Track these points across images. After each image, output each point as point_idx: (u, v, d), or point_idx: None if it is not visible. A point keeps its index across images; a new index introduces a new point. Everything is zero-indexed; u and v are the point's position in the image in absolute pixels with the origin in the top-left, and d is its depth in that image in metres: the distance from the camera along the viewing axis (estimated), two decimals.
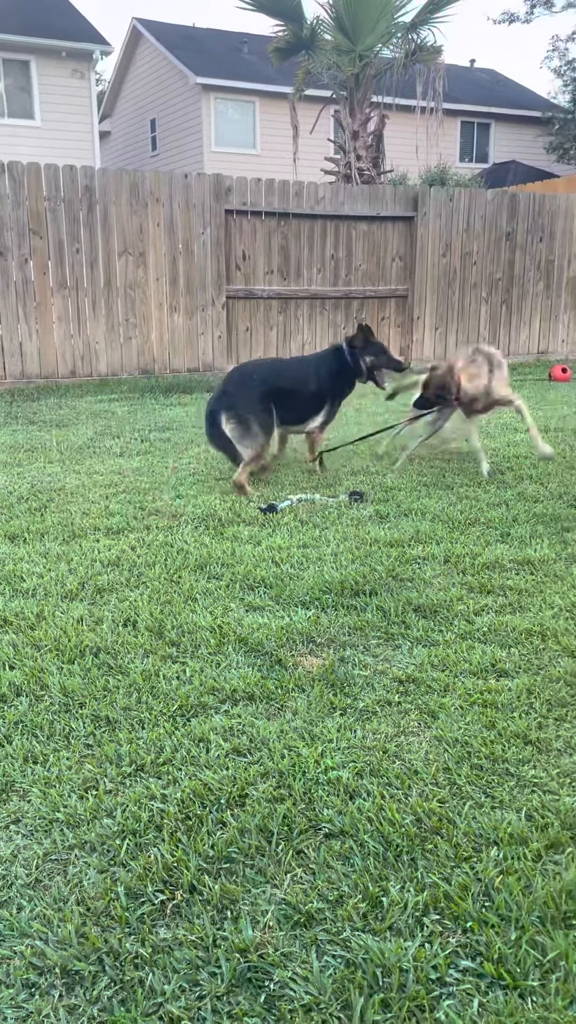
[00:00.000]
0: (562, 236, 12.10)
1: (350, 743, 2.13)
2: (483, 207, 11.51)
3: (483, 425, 6.77)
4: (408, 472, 5.16)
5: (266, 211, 10.18)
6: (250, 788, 1.93)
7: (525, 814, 1.83)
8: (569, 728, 2.19)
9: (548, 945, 1.45)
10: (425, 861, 1.68)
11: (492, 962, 1.42)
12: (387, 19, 12.18)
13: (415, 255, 11.13)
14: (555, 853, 1.70)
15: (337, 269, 10.78)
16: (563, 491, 4.55)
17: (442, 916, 1.54)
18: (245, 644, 2.72)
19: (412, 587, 3.22)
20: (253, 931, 1.51)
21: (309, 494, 4.60)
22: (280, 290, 10.44)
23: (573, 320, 12.53)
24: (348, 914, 1.54)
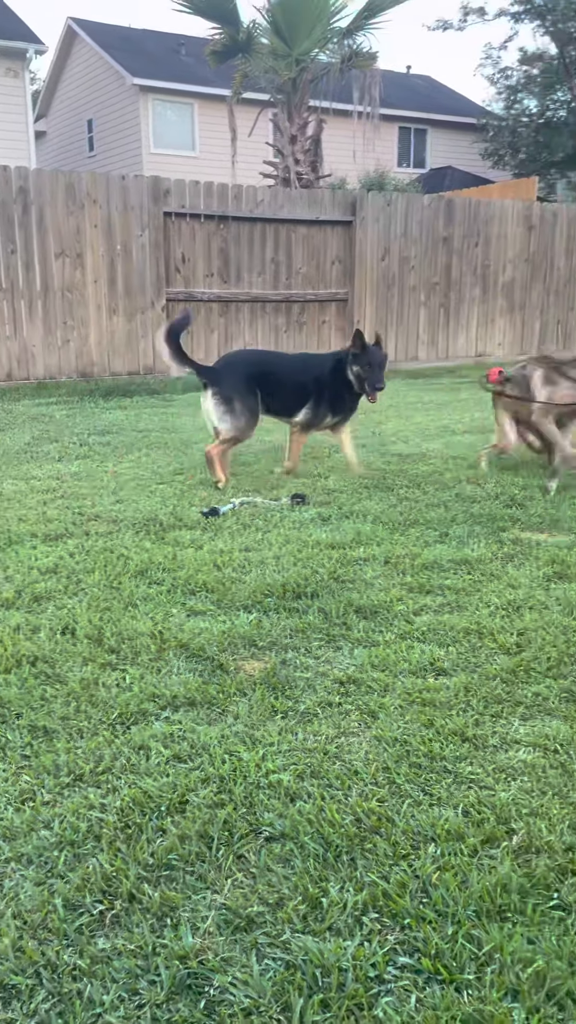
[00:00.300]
0: (497, 241, 12.34)
1: (291, 746, 2.14)
2: (420, 212, 11.67)
3: (424, 428, 6.87)
4: (349, 475, 5.20)
5: (205, 214, 10.15)
6: (191, 794, 1.92)
7: (462, 810, 1.86)
8: (505, 724, 2.24)
9: (484, 938, 1.48)
10: (364, 860, 1.70)
11: (429, 957, 1.44)
12: (323, 24, 12.28)
13: (354, 259, 11.23)
14: (490, 848, 1.73)
15: (277, 272, 10.81)
16: (500, 491, 4.64)
17: (381, 914, 1.55)
18: (186, 649, 2.71)
19: (353, 588, 3.25)
20: (193, 937, 1.51)
21: (251, 497, 4.61)
22: (220, 293, 10.43)
23: (509, 324, 12.79)
24: (288, 916, 1.55)
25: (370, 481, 4.98)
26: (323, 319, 11.26)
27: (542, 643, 2.71)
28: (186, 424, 7.25)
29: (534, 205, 12.75)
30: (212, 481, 4.93)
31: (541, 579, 3.32)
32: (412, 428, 6.86)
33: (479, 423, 6.97)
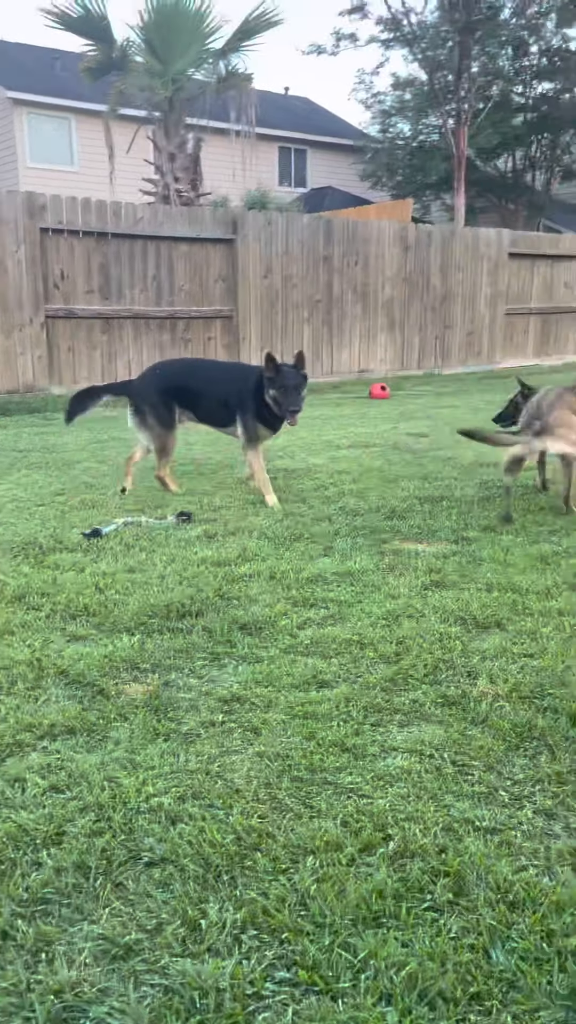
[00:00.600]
0: (375, 261, 12.69)
1: (173, 768, 2.12)
2: (300, 231, 11.88)
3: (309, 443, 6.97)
4: (237, 490, 5.22)
5: (84, 230, 10.02)
6: (68, 825, 1.88)
7: (340, 820, 1.89)
8: (383, 732, 2.29)
9: (359, 946, 1.51)
10: (244, 878, 1.71)
11: (306, 969, 1.46)
12: (198, 45, 12.37)
13: (237, 276, 11.31)
14: (367, 855, 1.77)
15: (160, 290, 10.77)
16: (381, 504, 4.76)
17: (260, 931, 1.56)
18: (66, 676, 2.65)
19: (238, 605, 3.26)
20: (69, 970, 1.47)
21: (135, 516, 4.56)
22: (102, 310, 10.30)
23: (390, 340, 13.16)
24: (167, 941, 1.54)
25: (256, 497, 5.01)
26: (208, 335, 11.28)
27: (419, 651, 2.80)
28: (67, 443, 7.11)
29: (409, 226, 13.19)
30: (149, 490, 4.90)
31: (419, 588, 3.42)
32: (297, 443, 6.96)
33: (362, 438, 7.14)
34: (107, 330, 10.41)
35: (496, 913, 1.60)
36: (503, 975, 1.46)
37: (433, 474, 5.53)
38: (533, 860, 1.76)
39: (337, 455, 6.40)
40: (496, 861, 1.74)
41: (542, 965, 1.48)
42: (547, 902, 1.62)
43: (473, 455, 6.13)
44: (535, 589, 3.36)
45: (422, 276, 13.27)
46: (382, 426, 7.88)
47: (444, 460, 5.99)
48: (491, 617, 3.08)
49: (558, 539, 4.06)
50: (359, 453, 6.40)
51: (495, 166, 25.55)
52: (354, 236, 12.42)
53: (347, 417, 8.68)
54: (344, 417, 8.69)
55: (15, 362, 9.80)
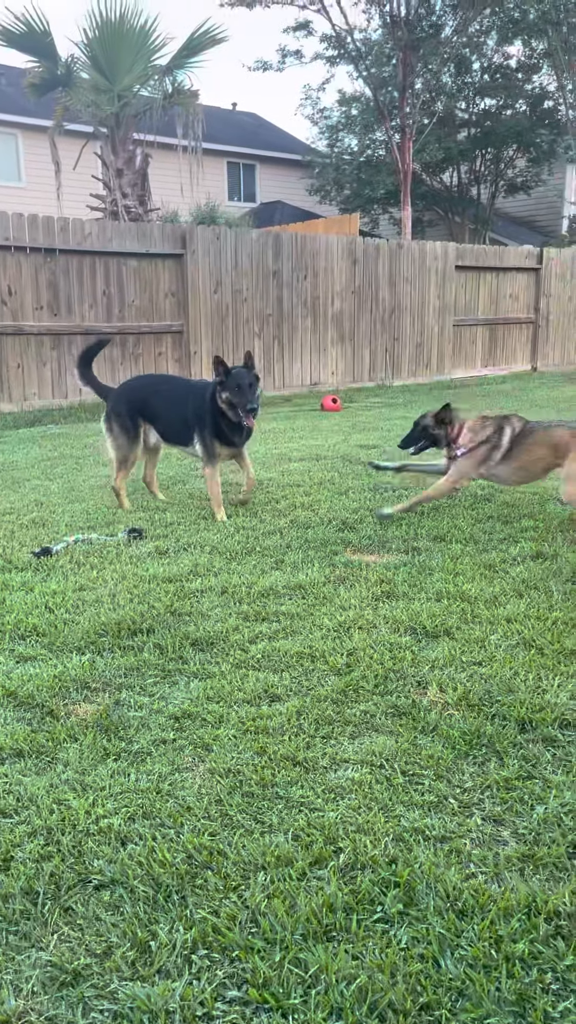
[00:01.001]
0: (324, 275, 12.80)
1: (123, 788, 2.10)
2: (250, 245, 11.93)
3: (262, 456, 6.99)
4: (188, 506, 5.21)
5: (31, 246, 9.93)
6: (15, 850, 1.85)
7: (292, 835, 1.89)
8: (335, 744, 2.30)
9: (310, 960, 1.51)
10: (195, 897, 1.70)
11: (257, 987, 1.46)
12: (143, 61, 12.38)
13: (187, 291, 11.31)
14: (318, 869, 1.78)
15: (110, 305, 10.72)
16: (332, 516, 4.79)
17: (210, 950, 1.56)
18: (14, 698, 2.62)
19: (190, 621, 3.25)
20: (15, 1000, 1.45)
21: (86, 534, 4.52)
22: (51, 326, 10.21)
23: (340, 353, 13.26)
24: (116, 964, 1.52)
25: (207, 511, 5.00)
26: (159, 351, 11.25)
27: (370, 661, 2.81)
28: (17, 461, 7.02)
29: (357, 240, 13.33)
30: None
31: (370, 599, 3.45)
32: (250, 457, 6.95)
33: (314, 450, 7.17)
34: (57, 346, 10.32)
35: (445, 921, 1.61)
36: (452, 984, 1.47)
37: (383, 485, 5.58)
38: (482, 867, 1.78)
39: (289, 468, 6.42)
40: (446, 869, 1.76)
41: (491, 972, 1.50)
42: (495, 908, 1.64)
43: None
44: (483, 597, 3.41)
45: (371, 289, 13.41)
46: (333, 438, 7.92)
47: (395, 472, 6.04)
48: (440, 626, 3.11)
49: (505, 547, 4.12)
50: (310, 466, 6.43)
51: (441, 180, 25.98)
52: (303, 250, 12.51)
53: (299, 430, 8.71)
54: (296, 430, 8.72)
55: None
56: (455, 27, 22.27)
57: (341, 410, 10.59)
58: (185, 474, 6.24)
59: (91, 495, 5.59)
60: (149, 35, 12.31)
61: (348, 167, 25.56)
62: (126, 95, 12.46)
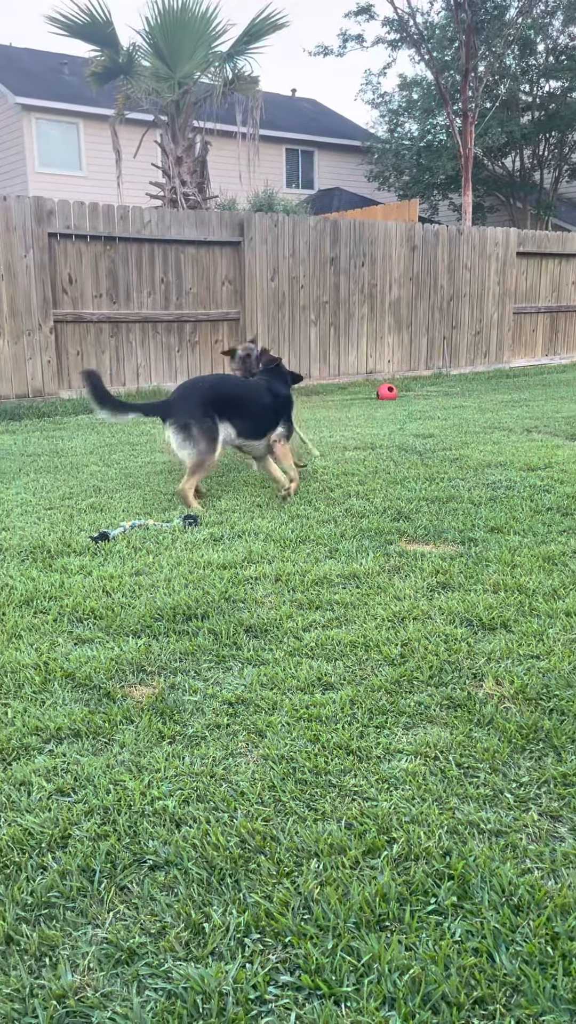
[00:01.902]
0: (382, 261, 12.68)
1: (178, 771, 2.13)
2: (307, 233, 11.88)
3: (316, 445, 6.98)
4: (243, 493, 5.23)
5: (92, 235, 10.05)
6: (73, 828, 1.89)
7: (345, 823, 1.89)
8: (388, 735, 2.29)
9: (362, 949, 1.51)
10: (248, 881, 1.71)
11: (309, 973, 1.46)
12: (204, 48, 12.39)
13: (244, 279, 11.32)
14: (371, 858, 1.77)
15: (168, 293, 10.80)
16: (387, 505, 4.75)
17: (263, 934, 1.56)
18: (72, 679, 2.66)
19: (244, 608, 3.26)
20: (72, 975, 1.48)
21: (142, 519, 4.57)
22: (110, 314, 10.33)
23: (397, 341, 13.14)
24: (170, 945, 1.54)
25: (261, 500, 5.01)
26: (216, 338, 11.30)
27: (424, 652, 2.79)
28: (76, 447, 7.13)
29: (416, 226, 13.17)
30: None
31: (425, 590, 3.42)
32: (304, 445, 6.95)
33: (369, 439, 7.13)
34: (115, 333, 10.44)
35: (500, 916, 1.59)
36: (507, 979, 1.46)
37: (439, 475, 5.52)
38: (538, 863, 1.76)
39: (343, 457, 6.39)
40: (501, 864, 1.74)
41: (547, 969, 1.48)
42: (552, 905, 1.61)
43: (480, 456, 6.11)
44: (542, 590, 3.35)
45: (429, 276, 13.25)
46: (389, 427, 7.86)
47: (451, 461, 5.97)
48: (497, 618, 3.07)
49: (565, 539, 4.04)
50: (365, 455, 6.39)
51: (503, 165, 25.50)
52: (361, 237, 12.41)
53: (354, 419, 8.67)
54: (351, 419, 8.68)
55: (24, 367, 9.84)
56: (520, 8, 21.80)
57: (397, 398, 10.50)
58: (239, 462, 6.26)
59: (147, 482, 5.65)
60: (210, 21, 12.31)
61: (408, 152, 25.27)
62: (186, 82, 12.50)
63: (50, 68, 24.88)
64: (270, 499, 5.02)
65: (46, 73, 24.39)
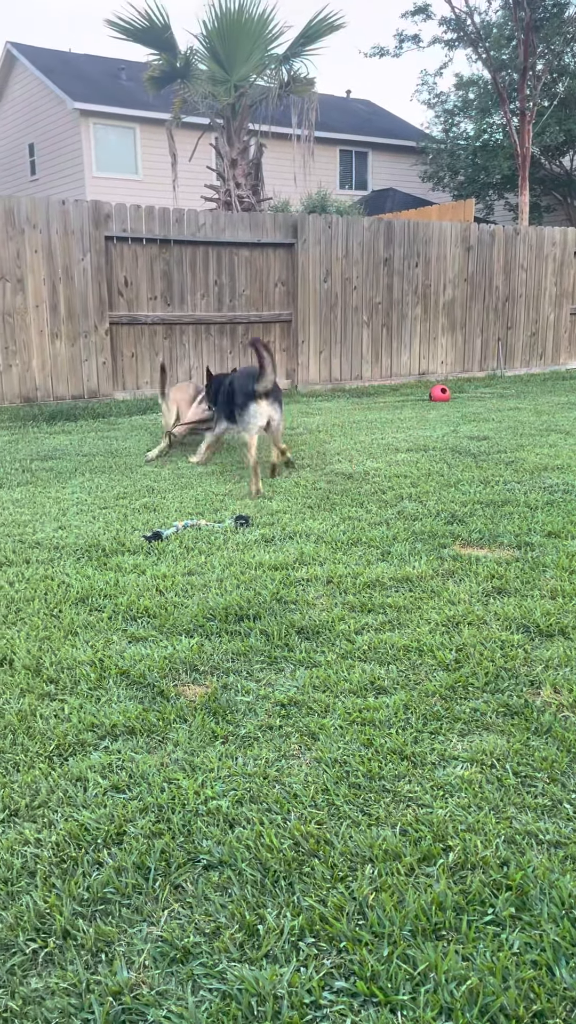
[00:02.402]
0: (436, 262, 12.58)
1: (231, 771, 2.13)
2: (361, 234, 11.84)
3: (368, 446, 6.95)
4: (294, 495, 5.23)
5: (147, 238, 10.17)
6: (128, 825, 1.90)
7: (400, 829, 1.87)
8: (443, 741, 2.26)
9: (418, 958, 1.49)
10: (302, 884, 1.70)
11: (365, 980, 1.45)
12: (260, 50, 12.43)
13: (297, 280, 11.33)
14: (427, 866, 1.75)
15: (221, 295, 10.86)
16: (440, 508, 4.71)
17: (317, 939, 1.55)
18: (127, 677, 2.69)
19: (296, 609, 3.26)
20: (128, 972, 1.49)
21: (195, 519, 4.60)
22: (164, 316, 10.43)
23: (451, 343, 13.02)
24: (225, 945, 1.54)
25: (313, 501, 5.01)
26: (267, 340, 11.32)
27: (480, 658, 2.75)
28: (130, 447, 7.22)
29: (471, 226, 13.03)
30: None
31: (480, 595, 3.37)
32: (355, 447, 6.93)
33: (422, 441, 7.07)
34: (169, 335, 10.54)
35: (560, 929, 1.56)
36: (567, 993, 1.42)
37: (494, 478, 5.45)
38: None
39: (396, 459, 6.35)
40: (560, 875, 1.70)
41: None
42: None
43: (536, 459, 6.01)
44: None
45: (484, 277, 13.10)
46: (442, 429, 7.79)
47: (506, 464, 5.89)
48: (555, 625, 3.01)
49: None
50: (418, 456, 6.34)
51: (560, 164, 25.09)
52: (415, 237, 12.33)
53: (406, 420, 8.60)
54: (403, 420, 8.62)
55: (80, 368, 9.99)
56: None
57: (450, 400, 10.40)
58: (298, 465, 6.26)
59: (199, 482, 5.68)
60: (267, 24, 12.35)
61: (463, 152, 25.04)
62: (242, 85, 12.56)
63: (108, 73, 25.26)
64: (321, 501, 5.01)
65: (104, 78, 24.76)
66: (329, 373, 11.86)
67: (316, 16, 12.70)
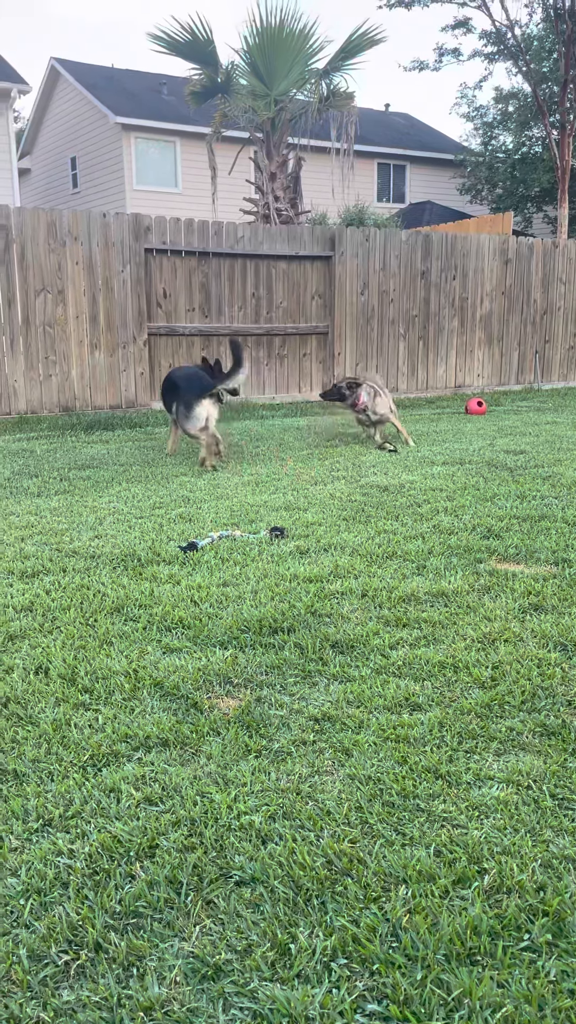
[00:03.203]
0: (474, 275, 12.53)
1: (264, 786, 2.12)
2: (398, 247, 11.84)
3: (403, 459, 6.92)
4: (329, 507, 5.22)
5: (186, 250, 10.26)
6: (161, 838, 1.90)
7: (434, 850, 1.84)
8: (479, 760, 2.23)
9: (453, 983, 1.46)
10: (335, 904, 1.68)
11: (398, 1004, 1.42)
12: (301, 65, 12.53)
13: (334, 293, 11.36)
14: (462, 888, 1.72)
15: (258, 307, 10.92)
16: (476, 523, 4.66)
17: (350, 960, 1.53)
18: (160, 688, 2.69)
19: (330, 623, 3.24)
20: (159, 987, 1.48)
21: (230, 530, 4.61)
22: (202, 327, 10.51)
23: (487, 356, 12.94)
24: (256, 964, 1.53)
25: (348, 513, 4.99)
26: (304, 352, 11.36)
27: (517, 676, 2.71)
28: (167, 458, 7.26)
29: (510, 239, 12.97)
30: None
31: (517, 611, 3.33)
32: (391, 459, 6.91)
33: (458, 454, 7.03)
34: (206, 347, 10.61)
35: None
36: None
37: (531, 492, 5.39)
38: None
39: (431, 472, 6.31)
40: None
41: None
42: None
43: (574, 474, 5.94)
44: None
45: (522, 290, 13.02)
46: (478, 443, 7.73)
47: (543, 478, 5.83)
48: None
49: None
50: (454, 470, 6.29)
51: None
52: (453, 250, 12.30)
53: (442, 433, 8.56)
54: (439, 433, 8.58)
55: (118, 378, 10.10)
56: None
57: (486, 413, 10.33)
58: (325, 475, 6.26)
59: (235, 492, 5.70)
60: (307, 38, 12.45)
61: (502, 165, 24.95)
62: (282, 100, 12.66)
63: (150, 88, 25.62)
64: (356, 513, 5.00)
65: (146, 93, 25.12)
66: None
67: (357, 30, 12.77)
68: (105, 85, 24.65)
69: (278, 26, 12.25)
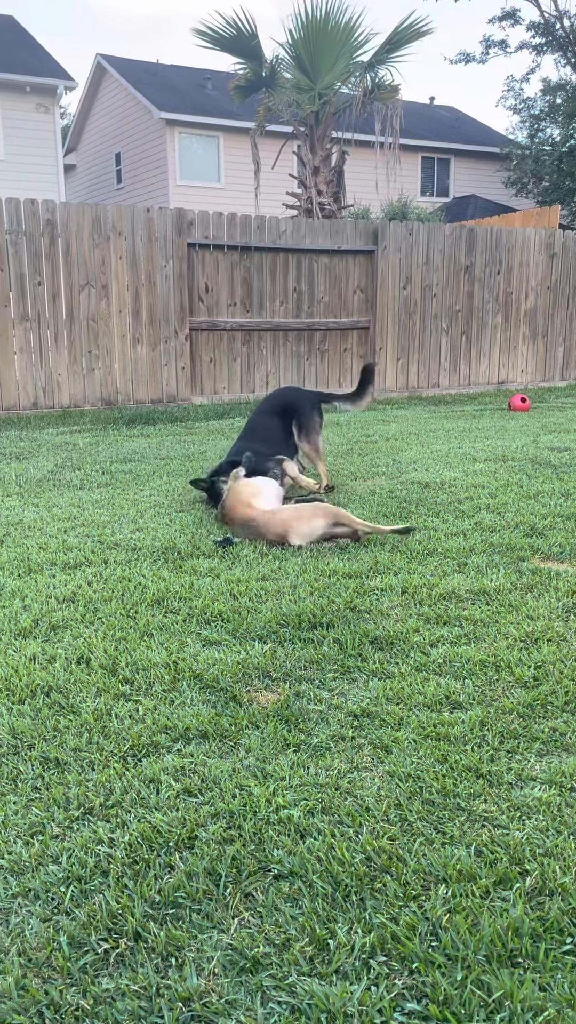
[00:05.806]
0: (519, 269, 12.36)
1: (303, 780, 2.11)
2: (442, 241, 11.73)
3: (445, 455, 6.86)
4: (369, 503, 5.19)
5: (228, 244, 10.28)
6: (200, 830, 1.90)
7: (475, 850, 1.82)
8: (520, 760, 2.20)
9: (493, 984, 1.44)
10: (374, 901, 1.67)
11: (437, 1004, 1.41)
12: (346, 58, 12.46)
13: (376, 287, 11.29)
14: (503, 889, 1.70)
15: (300, 301, 10.90)
16: (519, 520, 4.60)
17: (389, 957, 1.52)
18: (200, 680, 2.70)
19: (370, 619, 3.22)
20: (198, 979, 1.48)
21: None
22: (243, 322, 10.52)
23: (531, 351, 12.77)
24: (295, 958, 1.52)
25: (389, 509, 4.96)
26: (344, 347, 11.32)
27: (560, 676, 2.67)
28: (207, 451, 7.29)
29: (556, 233, 12.77)
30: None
31: (560, 611, 3.28)
32: (432, 456, 6.85)
33: (500, 451, 6.94)
34: (247, 341, 10.63)
35: None
36: None
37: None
38: None
39: (473, 468, 6.24)
40: None
41: None
42: None
43: None
44: None
45: (568, 284, 12.82)
46: (521, 439, 7.63)
47: None
48: None
49: None
50: (496, 467, 6.22)
51: None
52: (498, 244, 12.15)
53: (484, 429, 8.47)
54: (481, 429, 8.48)
55: (160, 373, 10.16)
56: None
57: (530, 410, 10.19)
58: (367, 470, 6.23)
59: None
60: (353, 31, 12.38)
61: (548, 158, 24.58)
62: (327, 93, 12.60)
63: (194, 83, 25.70)
64: (397, 509, 4.96)
65: (190, 88, 25.20)
66: (406, 381, 11.77)
67: (403, 22, 12.66)
68: (149, 80, 24.79)
69: (323, 18, 12.19)
